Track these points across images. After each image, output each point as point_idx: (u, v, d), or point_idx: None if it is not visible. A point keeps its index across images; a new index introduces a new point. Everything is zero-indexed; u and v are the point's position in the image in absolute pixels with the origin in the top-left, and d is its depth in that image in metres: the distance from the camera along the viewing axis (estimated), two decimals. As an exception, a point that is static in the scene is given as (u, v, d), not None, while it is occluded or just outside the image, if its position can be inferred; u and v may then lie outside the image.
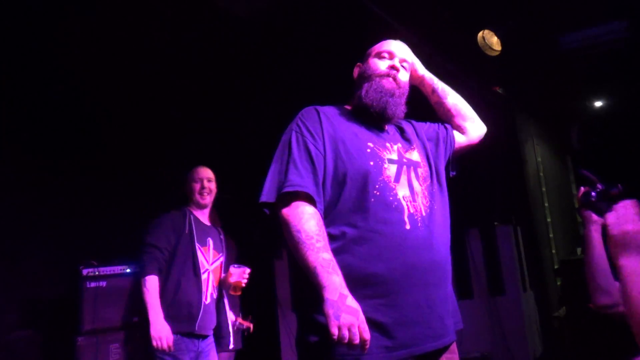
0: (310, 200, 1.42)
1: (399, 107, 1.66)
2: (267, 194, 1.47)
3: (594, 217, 1.78)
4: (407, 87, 1.73)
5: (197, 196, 2.86)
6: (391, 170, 1.52)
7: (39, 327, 3.15)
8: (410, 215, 1.48)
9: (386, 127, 1.69)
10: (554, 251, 5.14)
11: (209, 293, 2.75)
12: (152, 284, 2.59)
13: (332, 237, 1.42)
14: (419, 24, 3.27)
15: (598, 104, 5.72)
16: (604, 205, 1.67)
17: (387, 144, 1.60)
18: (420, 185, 1.57)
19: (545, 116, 5.70)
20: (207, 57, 3.22)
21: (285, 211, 1.42)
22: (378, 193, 1.46)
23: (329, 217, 1.46)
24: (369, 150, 1.53)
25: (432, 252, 1.48)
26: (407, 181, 1.53)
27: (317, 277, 1.32)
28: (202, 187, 2.86)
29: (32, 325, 3.12)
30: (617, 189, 1.65)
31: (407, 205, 1.49)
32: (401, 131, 1.72)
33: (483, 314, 4.37)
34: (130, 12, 2.75)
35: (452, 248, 1.66)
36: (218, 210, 3.06)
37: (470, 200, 4.57)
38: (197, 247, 2.75)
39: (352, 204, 1.45)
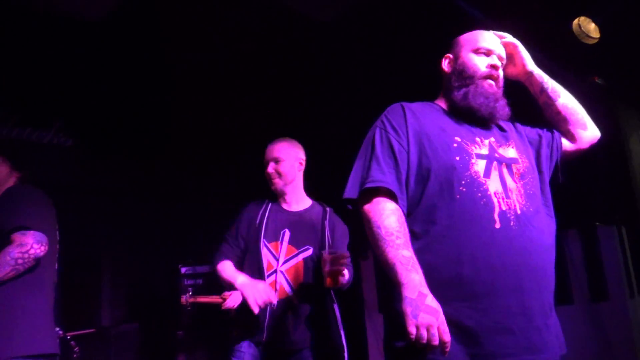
0: (392, 196, 1.40)
1: (505, 110, 1.60)
2: (350, 190, 1.46)
3: None
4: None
5: (269, 183, 2.44)
6: (479, 165, 1.45)
7: (143, 320, 3.39)
8: (502, 213, 1.39)
9: (473, 121, 1.62)
10: (665, 253, 4.69)
11: (284, 297, 2.27)
12: (223, 267, 2.32)
13: (415, 235, 1.39)
14: (506, 12, 3.13)
15: None
16: None
17: (477, 139, 1.53)
18: (515, 182, 1.48)
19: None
20: (295, 62, 3.30)
21: (367, 207, 1.41)
22: (464, 189, 1.40)
23: (412, 214, 1.43)
24: (455, 145, 1.48)
25: (526, 255, 1.38)
26: (499, 176, 1.45)
27: (395, 274, 1.29)
28: (269, 172, 2.42)
29: (138, 319, 3.37)
30: None
31: (498, 202, 1.40)
32: (498, 127, 1.65)
33: (584, 321, 4.09)
34: (215, 20, 2.89)
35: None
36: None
37: (568, 199, 4.30)
38: (262, 244, 2.30)
39: (437, 200, 1.40)
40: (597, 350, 4.01)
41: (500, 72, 1.64)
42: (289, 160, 2.42)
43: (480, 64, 1.61)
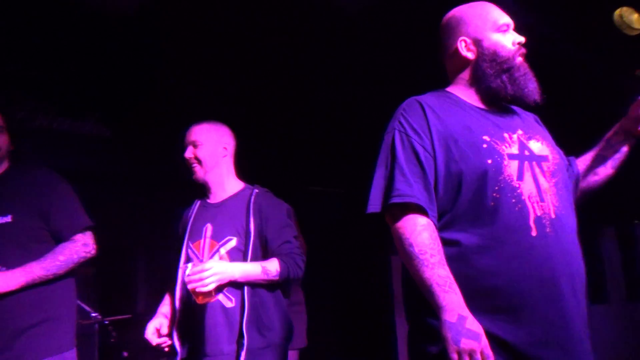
0: (421, 209, 1.30)
1: (536, 90, 1.43)
2: (374, 204, 1.35)
3: None
4: None
5: (189, 172, 2.09)
6: (512, 167, 1.33)
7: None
8: (537, 219, 1.29)
9: (499, 108, 1.47)
10: None
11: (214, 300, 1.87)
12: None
13: (446, 245, 1.29)
14: (543, 2, 3.05)
15: None
16: None
17: (505, 135, 1.39)
18: (548, 181, 1.35)
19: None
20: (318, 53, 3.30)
21: (397, 224, 1.31)
22: (498, 195, 1.29)
23: (442, 223, 1.32)
24: (485, 145, 1.34)
25: (564, 263, 1.29)
26: (532, 178, 1.34)
27: (433, 295, 1.22)
28: (185, 157, 2.05)
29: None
30: None
31: (533, 207, 1.30)
32: (517, 114, 1.50)
33: (619, 321, 3.99)
34: (239, 14, 2.92)
35: (583, 249, 1.48)
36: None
37: (604, 195, 4.19)
38: (185, 246, 2.01)
39: (468, 208, 1.30)
40: (634, 348, 3.92)
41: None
42: (209, 144, 2.07)
43: (508, 43, 1.45)
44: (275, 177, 3.56)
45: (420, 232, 1.27)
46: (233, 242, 1.96)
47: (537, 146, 1.41)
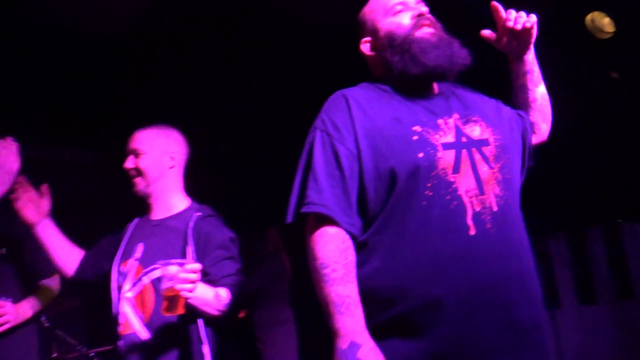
0: (331, 219, 1.16)
1: (464, 52, 1.31)
2: (289, 214, 1.23)
3: None
4: None
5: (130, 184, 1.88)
6: (447, 158, 1.20)
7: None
8: (476, 216, 1.16)
9: (436, 91, 1.35)
10: (693, 249, 4.60)
11: (130, 332, 1.65)
12: None
13: (378, 253, 1.18)
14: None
15: None
16: None
17: (440, 121, 1.25)
18: (491, 168, 1.22)
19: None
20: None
21: (306, 235, 1.20)
22: (431, 193, 1.17)
23: (374, 228, 1.19)
24: (415, 137, 1.21)
25: (508, 261, 1.17)
26: (470, 168, 1.21)
27: (328, 317, 1.12)
28: (125, 168, 1.82)
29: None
30: None
31: (471, 202, 1.17)
32: (454, 93, 1.37)
33: (608, 320, 4.01)
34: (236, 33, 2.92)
35: (571, 249, 1.42)
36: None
37: (589, 196, 4.24)
38: (114, 266, 1.76)
39: (401, 210, 1.17)
40: (624, 351, 3.93)
41: (432, 19, 1.37)
42: (153, 153, 1.80)
43: (404, 19, 1.33)
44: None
45: (325, 244, 1.15)
46: (158, 272, 1.65)
47: (476, 129, 1.28)
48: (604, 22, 3.52)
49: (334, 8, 2.73)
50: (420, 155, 1.18)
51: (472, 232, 1.15)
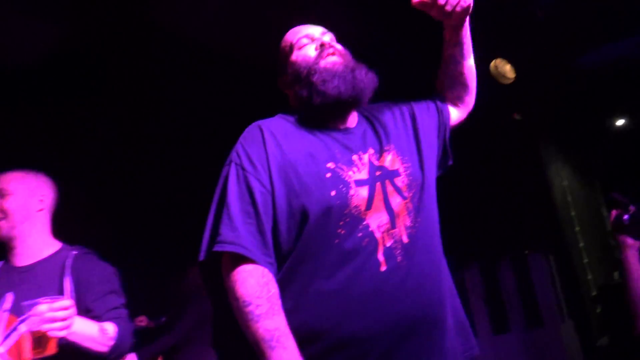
0: (247, 256, 1.13)
1: (369, 76, 1.31)
2: (202, 251, 1.18)
3: (630, 241, 1.72)
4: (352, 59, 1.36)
5: None
6: (361, 195, 1.18)
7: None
8: (387, 251, 1.16)
9: (351, 125, 1.33)
10: (590, 277, 4.96)
11: None
12: None
13: (292, 294, 1.15)
14: (432, 58, 3.30)
15: (620, 122, 5.64)
16: (638, 228, 1.61)
17: (354, 157, 1.24)
18: (403, 198, 1.23)
19: (568, 138, 5.62)
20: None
21: (223, 274, 1.15)
22: (343, 232, 1.15)
23: (287, 267, 1.16)
24: (329, 174, 1.19)
25: (422, 292, 1.17)
26: (383, 202, 1.20)
27: (261, 356, 1.07)
28: None
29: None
30: (651, 210, 1.60)
31: (382, 237, 1.17)
32: (371, 124, 1.35)
33: (521, 348, 4.19)
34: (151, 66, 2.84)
35: (484, 280, 1.44)
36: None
37: (499, 230, 4.48)
38: None
39: (314, 249, 1.15)
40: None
41: (338, 46, 1.37)
42: (19, 194, 1.73)
43: (309, 52, 1.34)
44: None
45: (244, 281, 1.11)
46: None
47: (389, 160, 1.27)
48: (506, 69, 3.83)
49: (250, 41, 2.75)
50: (333, 193, 1.17)
51: (383, 267, 1.15)
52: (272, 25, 2.48)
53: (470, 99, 1.50)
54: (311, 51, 1.34)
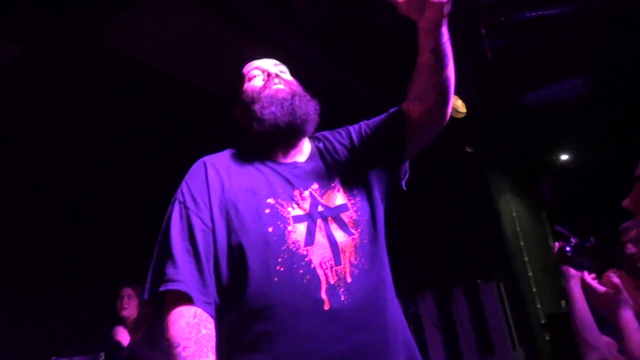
0: (187, 296, 1.10)
1: (310, 105, 1.30)
2: (147, 291, 1.15)
3: (572, 271, 1.79)
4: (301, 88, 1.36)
5: None
6: (299, 231, 1.15)
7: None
8: (331, 289, 1.12)
9: (299, 159, 1.31)
10: (539, 305, 5.11)
11: None
12: None
13: (234, 333, 1.12)
14: (382, 89, 3.41)
15: (564, 157, 5.93)
16: (580, 260, 1.70)
17: (295, 192, 1.22)
18: (350, 234, 1.20)
19: (516, 171, 5.87)
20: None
21: (163, 312, 1.13)
22: (282, 268, 1.11)
23: (229, 306, 1.14)
24: (268, 210, 1.17)
25: (365, 331, 1.12)
26: (326, 238, 1.17)
27: None
28: None
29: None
30: (591, 243, 1.69)
31: (325, 274, 1.12)
32: (322, 157, 1.33)
33: (475, 377, 4.25)
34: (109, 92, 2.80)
35: (439, 309, 1.40)
36: None
37: (452, 260, 4.57)
38: None
39: (253, 287, 1.11)
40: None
41: (286, 76, 1.38)
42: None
43: (257, 82, 1.36)
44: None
45: (175, 322, 1.08)
46: None
47: (334, 197, 1.24)
48: (457, 104, 3.99)
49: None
50: (270, 229, 1.14)
51: (327, 306, 1.10)
52: (232, 55, 2.51)
53: (444, 115, 1.33)
54: (259, 81, 1.36)
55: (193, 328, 1.07)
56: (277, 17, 2.44)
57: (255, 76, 1.38)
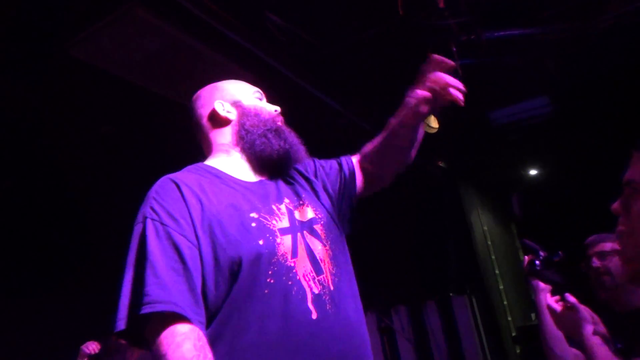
0: (180, 316, 1.04)
1: (304, 151, 1.39)
2: (120, 319, 1.06)
3: (541, 285, 1.83)
4: None
5: None
6: (286, 243, 1.17)
7: None
8: (316, 298, 1.14)
9: (265, 179, 1.35)
10: (509, 318, 5.18)
11: None
12: None
13: (223, 348, 1.09)
14: (360, 107, 3.45)
15: (533, 172, 6.07)
16: (548, 273, 1.74)
17: (274, 207, 1.24)
18: (324, 245, 1.24)
19: (487, 186, 5.98)
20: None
21: (151, 338, 1.04)
22: (272, 280, 1.12)
23: (217, 322, 1.10)
24: (254, 224, 1.17)
25: (347, 340, 1.17)
26: (305, 250, 1.19)
27: None
28: None
29: None
30: (559, 256, 1.73)
31: (309, 285, 1.15)
32: (282, 178, 1.38)
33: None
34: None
35: (412, 322, 1.45)
36: None
37: (425, 273, 4.61)
38: None
39: (243, 302, 1.10)
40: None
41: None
42: None
43: (267, 107, 1.41)
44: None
45: (179, 345, 1.01)
46: None
47: (306, 210, 1.29)
48: (429, 119, 4.06)
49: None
50: (261, 242, 1.14)
51: (314, 315, 1.12)
52: (204, 67, 2.49)
53: (392, 177, 1.48)
54: (269, 108, 1.40)
55: (201, 351, 1.02)
56: (250, 30, 2.45)
57: (260, 99, 1.43)
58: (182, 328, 1.03)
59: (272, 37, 2.58)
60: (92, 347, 2.90)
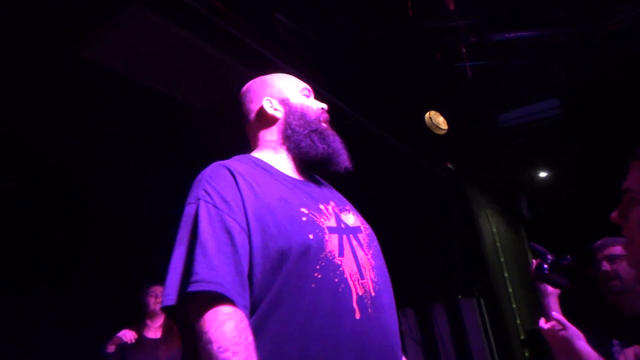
0: (225, 298, 1.05)
1: (348, 158, 1.42)
2: (170, 294, 1.08)
3: (549, 289, 1.81)
4: None
5: None
6: (333, 242, 1.18)
7: None
8: (360, 300, 1.15)
9: (310, 180, 1.38)
10: (518, 321, 5.14)
11: None
12: None
13: (266, 338, 1.08)
14: (368, 109, 3.44)
15: (542, 174, 6.03)
16: (556, 277, 1.72)
17: (321, 206, 1.26)
18: (366, 254, 1.25)
19: (495, 188, 5.94)
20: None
21: (195, 316, 1.05)
22: (320, 275, 1.12)
23: (261, 311, 1.09)
24: (304, 218, 1.18)
25: (386, 346, 1.18)
26: (351, 252, 1.21)
27: None
28: None
29: None
30: (567, 260, 1.71)
31: (354, 285, 1.16)
32: (324, 185, 1.43)
33: (454, 393, 4.24)
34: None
35: (420, 325, 1.49)
36: None
37: (433, 275, 4.59)
38: None
39: (290, 293, 1.10)
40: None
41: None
42: None
43: (314, 105, 1.43)
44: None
45: (221, 324, 1.02)
46: None
47: (350, 218, 1.31)
48: (439, 120, 4.04)
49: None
50: (311, 236, 1.15)
51: (358, 315, 1.13)
52: (213, 69, 2.50)
53: None
54: (315, 106, 1.43)
55: (242, 333, 1.02)
56: (258, 30, 2.46)
57: (308, 96, 1.45)
58: (226, 309, 1.04)
59: (280, 37, 2.58)
60: (129, 336, 2.85)
